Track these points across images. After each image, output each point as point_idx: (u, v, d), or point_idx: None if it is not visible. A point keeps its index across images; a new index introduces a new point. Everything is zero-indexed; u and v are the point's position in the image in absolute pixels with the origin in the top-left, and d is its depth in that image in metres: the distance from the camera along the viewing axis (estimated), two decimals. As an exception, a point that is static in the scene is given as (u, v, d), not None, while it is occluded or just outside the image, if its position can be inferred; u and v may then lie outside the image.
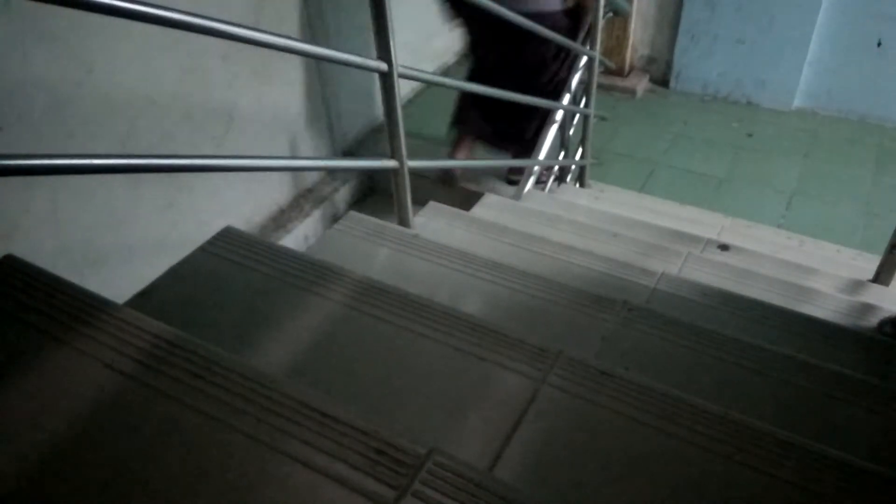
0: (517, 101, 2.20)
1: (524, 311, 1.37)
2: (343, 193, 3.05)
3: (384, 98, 1.45)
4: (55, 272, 0.98)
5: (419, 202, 1.80)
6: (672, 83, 4.23)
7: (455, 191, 2.92)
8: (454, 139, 3.00)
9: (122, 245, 2.06)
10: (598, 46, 2.64)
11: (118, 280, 1.97)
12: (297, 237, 2.78)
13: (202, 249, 1.30)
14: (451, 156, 2.98)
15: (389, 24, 1.32)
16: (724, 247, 2.30)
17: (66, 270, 0.98)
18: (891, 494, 0.89)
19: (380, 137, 3.30)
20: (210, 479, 0.73)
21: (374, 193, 3.22)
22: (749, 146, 3.71)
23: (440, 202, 1.96)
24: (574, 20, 2.62)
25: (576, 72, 2.73)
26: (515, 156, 2.96)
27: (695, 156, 3.64)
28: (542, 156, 2.72)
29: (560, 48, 2.62)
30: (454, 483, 0.74)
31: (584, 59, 2.72)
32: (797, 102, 3.97)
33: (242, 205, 2.63)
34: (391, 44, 1.35)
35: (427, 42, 4.03)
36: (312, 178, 3.01)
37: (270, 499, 0.72)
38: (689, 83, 4.18)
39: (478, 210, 2.22)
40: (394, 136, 1.52)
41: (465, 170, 3.02)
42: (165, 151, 2.12)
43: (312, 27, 2.73)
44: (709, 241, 2.33)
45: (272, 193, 2.79)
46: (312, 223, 2.86)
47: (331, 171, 3.08)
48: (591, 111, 2.86)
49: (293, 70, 2.70)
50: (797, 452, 0.93)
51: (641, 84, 4.23)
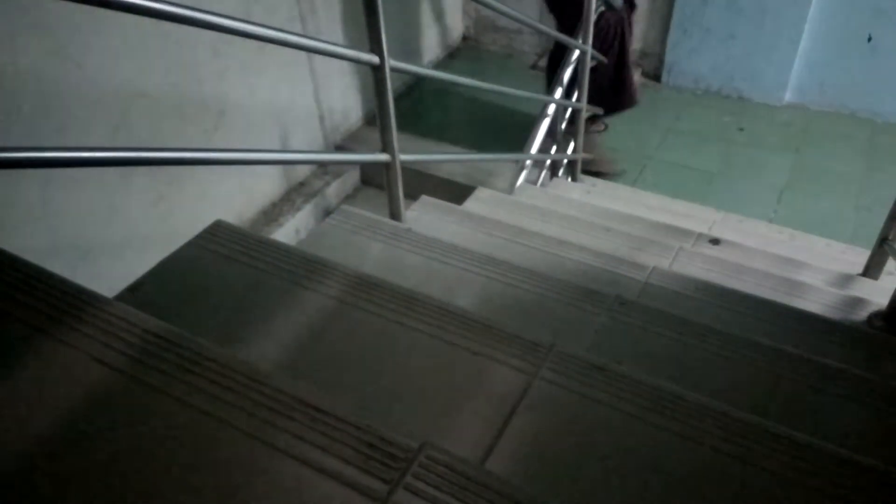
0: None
1: (516, 306, 1.37)
2: (335, 187, 3.04)
3: (376, 91, 1.44)
4: (44, 266, 0.98)
5: (411, 196, 1.80)
6: (664, 77, 4.23)
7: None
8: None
9: (112, 239, 2.05)
10: (590, 40, 2.64)
11: (108, 274, 1.96)
12: (289, 231, 2.77)
13: (192, 243, 1.29)
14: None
15: (381, 17, 1.32)
16: (716, 241, 2.31)
17: (56, 264, 0.98)
18: (880, 487, 0.90)
19: (371, 131, 3.30)
20: (201, 474, 0.73)
21: (366, 187, 3.21)
22: (741, 141, 3.73)
23: (432, 196, 1.96)
24: None
25: (567, 66, 2.73)
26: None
27: (686, 150, 3.65)
28: (534, 149, 2.72)
29: None
30: (446, 476, 0.74)
31: (576, 53, 2.72)
32: (788, 97, 3.98)
33: (233, 198, 2.62)
34: (382, 37, 1.34)
35: (419, 35, 4.02)
36: (304, 172, 3.00)
37: (262, 493, 0.72)
38: (681, 77, 4.18)
39: (470, 204, 2.22)
40: (385, 130, 1.51)
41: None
42: (156, 145, 2.11)
43: (304, 20, 2.72)
44: (700, 236, 2.34)
45: (263, 187, 2.78)
46: (304, 217, 2.85)
47: (322, 165, 3.07)
48: (583, 105, 2.86)
49: (285, 63, 2.69)
50: (790, 445, 0.93)
51: (634, 78, 4.22)
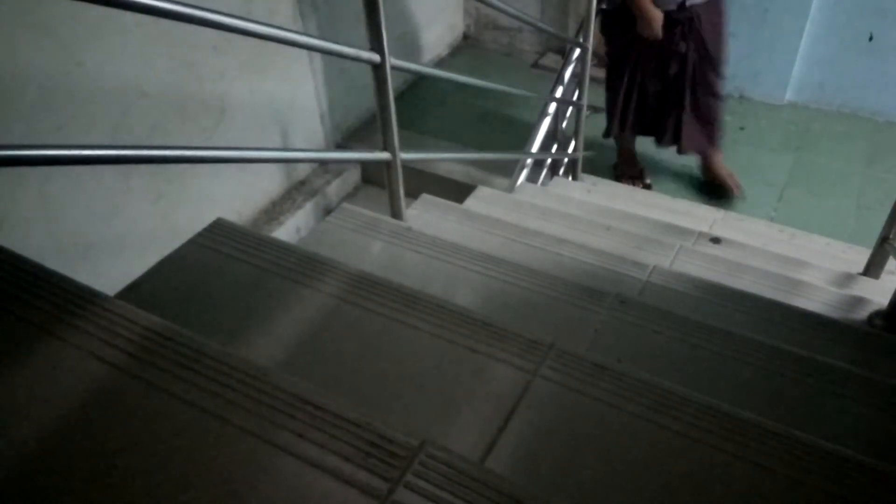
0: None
1: (517, 304, 1.37)
2: (335, 186, 3.04)
3: (376, 90, 1.44)
4: (45, 264, 0.98)
5: (412, 195, 1.80)
6: (665, 76, 4.23)
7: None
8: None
9: (113, 237, 2.05)
10: (591, 39, 2.64)
11: (108, 272, 1.96)
12: (289, 229, 2.77)
13: (193, 241, 1.29)
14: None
15: (381, 16, 1.31)
16: (716, 240, 2.31)
17: (56, 262, 0.98)
18: (880, 486, 0.90)
19: (372, 129, 3.30)
20: (201, 472, 0.73)
21: (367, 186, 3.21)
22: (741, 139, 3.72)
23: (433, 195, 1.96)
24: None
25: (569, 64, 2.73)
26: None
27: (687, 149, 3.64)
28: (535, 148, 2.72)
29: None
30: (446, 475, 0.74)
31: (577, 52, 2.71)
32: (789, 96, 3.98)
33: (234, 197, 2.62)
34: (383, 35, 1.34)
35: (420, 34, 4.01)
36: (305, 171, 3.00)
37: (262, 491, 0.72)
38: (682, 76, 4.17)
39: (470, 203, 2.22)
40: (386, 128, 1.51)
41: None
42: (156, 143, 2.11)
43: (304, 18, 2.71)
44: (701, 234, 2.34)
45: (264, 185, 2.78)
46: (304, 215, 2.85)
47: (323, 163, 3.07)
48: (584, 103, 2.86)
49: (285, 61, 2.68)
50: (790, 444, 0.93)
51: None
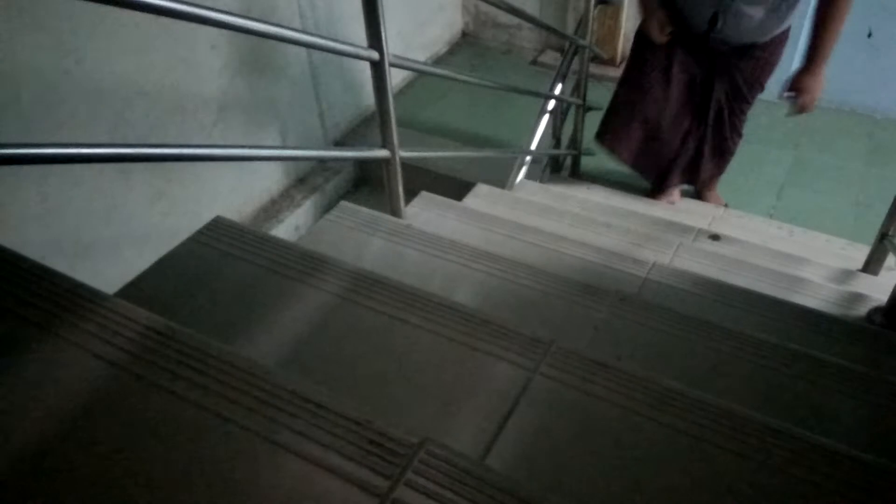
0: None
1: (516, 302, 1.37)
2: (334, 183, 3.04)
3: (375, 87, 1.44)
4: (44, 262, 0.97)
5: (411, 192, 1.80)
6: (664, 74, 4.22)
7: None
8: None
9: (112, 235, 2.04)
10: (590, 36, 2.64)
11: (108, 270, 1.96)
12: (289, 227, 2.77)
13: (192, 240, 1.29)
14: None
15: (380, 13, 1.31)
16: (716, 237, 2.31)
17: (55, 260, 0.98)
18: (879, 482, 0.90)
19: (371, 127, 3.29)
20: (202, 470, 0.73)
21: (366, 183, 3.21)
22: (740, 136, 3.72)
23: (432, 192, 1.96)
24: None
25: (568, 61, 2.73)
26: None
27: (686, 146, 3.64)
28: (534, 145, 2.72)
29: None
30: (446, 472, 0.74)
31: (577, 49, 2.71)
32: (788, 93, 3.97)
33: (233, 195, 2.62)
34: (382, 33, 1.34)
35: (419, 31, 4.01)
36: (304, 168, 3.00)
37: (263, 489, 0.72)
38: (681, 73, 4.17)
39: (470, 200, 2.22)
40: (385, 126, 1.51)
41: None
42: (155, 141, 2.11)
43: (303, 16, 2.71)
44: (700, 231, 2.34)
45: (263, 183, 2.78)
46: (304, 213, 2.85)
47: (322, 161, 3.07)
48: (584, 101, 2.86)
49: (284, 59, 2.68)
50: (789, 441, 0.94)
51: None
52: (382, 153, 1.55)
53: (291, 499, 0.71)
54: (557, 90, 2.69)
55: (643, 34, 2.49)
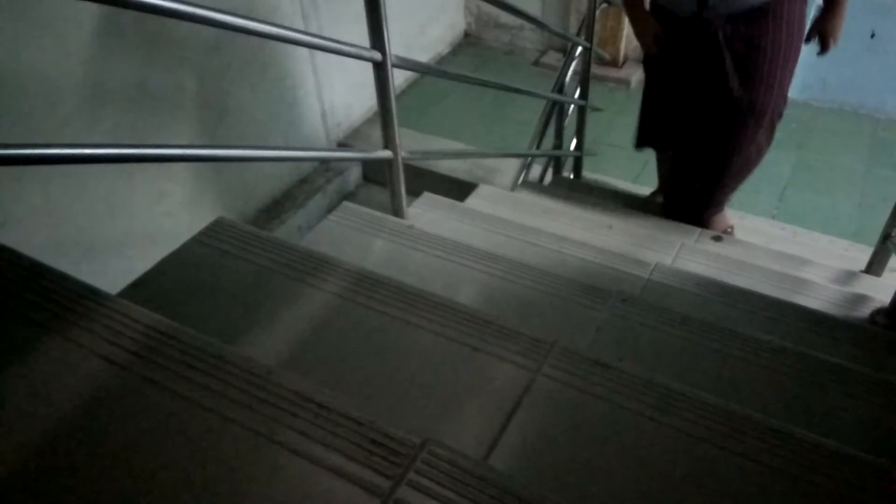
0: None
1: (519, 302, 1.37)
2: (337, 184, 3.04)
3: (378, 88, 1.44)
4: (47, 262, 0.98)
5: (413, 193, 1.80)
6: (666, 74, 4.22)
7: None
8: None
9: (115, 235, 2.05)
10: (593, 37, 2.64)
11: (111, 270, 1.96)
12: (291, 228, 2.77)
13: (195, 240, 1.29)
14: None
15: (383, 14, 1.31)
16: (718, 237, 2.31)
17: (59, 261, 0.98)
18: (883, 484, 0.90)
19: (373, 128, 3.30)
20: (205, 470, 0.73)
21: (368, 184, 3.21)
22: (743, 137, 3.72)
23: (434, 193, 1.96)
24: None
25: (571, 62, 2.73)
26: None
27: (689, 147, 3.64)
28: (537, 147, 2.72)
29: None
30: (449, 472, 0.74)
31: (579, 49, 2.71)
32: (791, 94, 3.95)
33: (236, 195, 2.63)
34: (385, 33, 1.34)
35: (421, 32, 4.01)
36: (306, 169, 3.00)
37: (265, 489, 0.72)
38: (684, 74, 4.17)
39: (472, 201, 2.22)
40: (388, 127, 1.51)
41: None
42: (158, 142, 2.11)
43: (306, 16, 2.71)
44: (703, 232, 2.34)
45: (265, 184, 2.78)
46: (306, 214, 2.85)
47: (325, 162, 3.07)
48: (586, 102, 2.86)
49: (287, 60, 2.68)
50: (791, 442, 0.93)
51: (636, 75, 4.22)
52: (385, 154, 1.55)
53: (293, 498, 0.71)
54: (559, 91, 2.69)
55: (649, 59, 2.24)
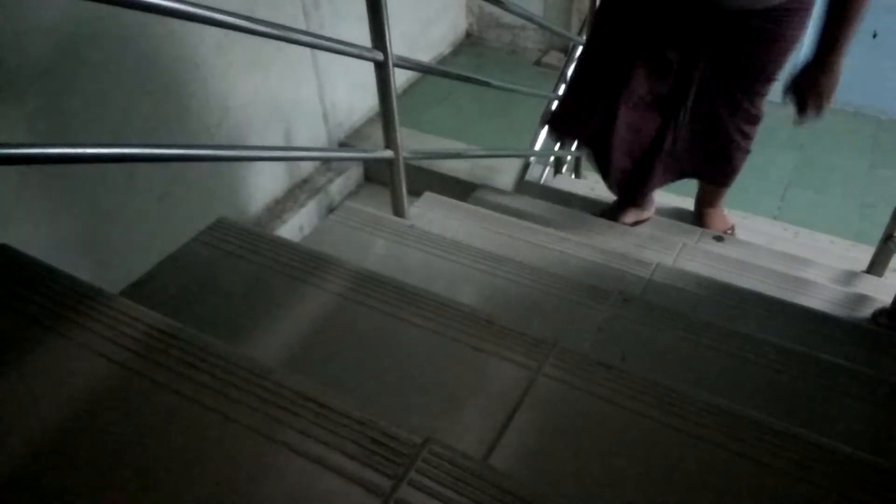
0: None
1: (519, 302, 1.37)
2: (338, 184, 3.04)
3: (379, 88, 1.44)
4: (49, 262, 0.98)
5: (415, 193, 1.80)
6: (668, 74, 4.22)
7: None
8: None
9: (116, 235, 2.05)
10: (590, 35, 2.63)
11: (112, 270, 1.96)
12: (293, 228, 2.77)
13: (196, 240, 1.29)
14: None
15: (385, 14, 1.31)
16: (720, 237, 2.30)
17: (60, 260, 0.98)
18: (884, 484, 0.90)
19: (375, 128, 3.30)
20: (206, 469, 0.73)
21: (370, 184, 3.21)
22: (745, 137, 3.71)
23: (436, 193, 1.96)
24: None
25: (572, 62, 2.73)
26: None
27: (690, 147, 3.64)
28: (538, 146, 2.72)
29: None
30: (450, 472, 0.74)
31: (579, 49, 2.71)
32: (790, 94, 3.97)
33: (237, 195, 2.63)
34: (386, 33, 1.34)
35: (423, 32, 4.01)
36: (307, 169, 3.00)
37: (266, 488, 0.72)
38: (685, 74, 4.17)
39: (473, 201, 2.22)
40: (389, 127, 1.51)
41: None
42: (160, 142, 2.11)
43: (308, 16, 2.71)
44: (704, 232, 2.33)
45: (267, 184, 2.78)
46: (307, 214, 2.85)
47: (326, 162, 3.07)
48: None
49: (288, 60, 2.68)
50: (793, 442, 0.93)
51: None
52: (386, 154, 1.55)
53: (294, 498, 0.71)
54: (561, 90, 2.69)
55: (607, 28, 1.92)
